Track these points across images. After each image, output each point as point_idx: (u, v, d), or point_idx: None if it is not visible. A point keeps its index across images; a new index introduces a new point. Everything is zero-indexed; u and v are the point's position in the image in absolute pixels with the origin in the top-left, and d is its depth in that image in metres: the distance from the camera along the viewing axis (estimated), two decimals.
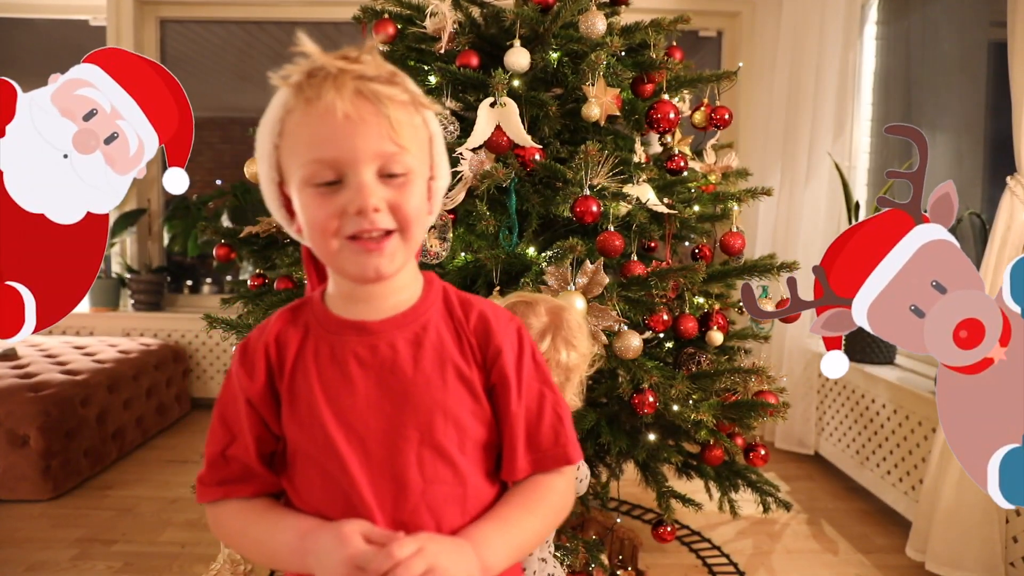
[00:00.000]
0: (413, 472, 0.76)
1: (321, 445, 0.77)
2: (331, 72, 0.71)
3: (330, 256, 0.75)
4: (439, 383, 0.78)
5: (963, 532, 1.97)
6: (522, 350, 0.83)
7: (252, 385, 0.79)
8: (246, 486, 0.81)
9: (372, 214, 0.72)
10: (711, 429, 1.70)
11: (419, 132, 0.77)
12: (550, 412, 0.83)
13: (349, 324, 0.79)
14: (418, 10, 1.91)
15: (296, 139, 0.73)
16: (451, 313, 0.82)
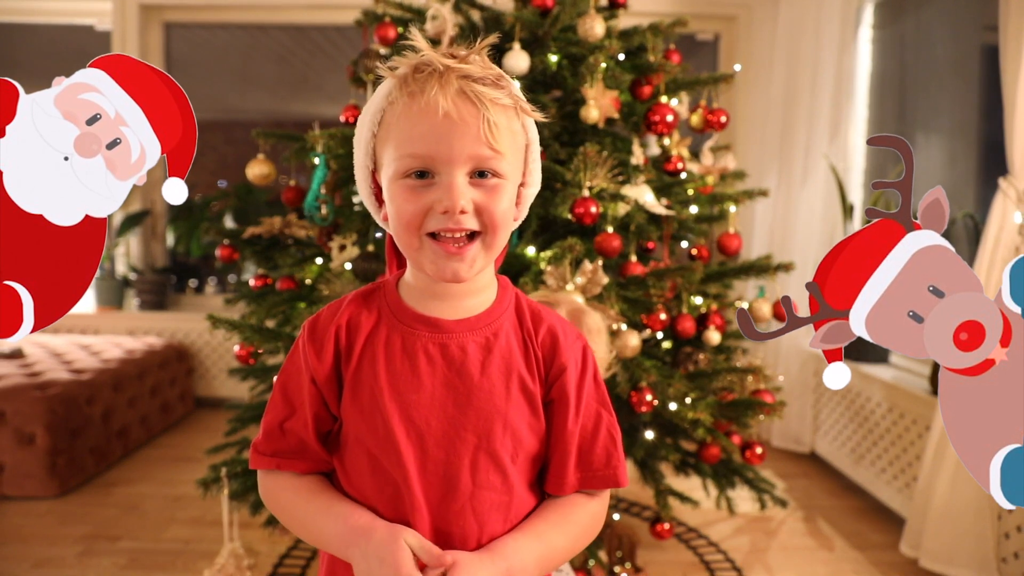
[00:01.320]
0: (465, 475, 0.77)
1: (380, 434, 0.77)
2: (438, 69, 0.71)
3: (411, 251, 0.76)
4: (503, 392, 0.78)
5: (956, 529, 1.99)
6: (585, 369, 0.83)
7: (319, 365, 0.79)
8: (300, 461, 0.81)
9: (458, 215, 0.72)
10: (708, 427, 1.72)
11: (517, 137, 0.77)
12: (605, 434, 0.83)
13: (423, 319, 0.79)
14: (419, 14, 1.94)
15: (395, 131, 0.74)
16: (521, 323, 0.82)
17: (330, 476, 0.83)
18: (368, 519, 0.76)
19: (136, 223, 3.70)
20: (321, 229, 1.88)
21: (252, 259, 2.04)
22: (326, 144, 1.79)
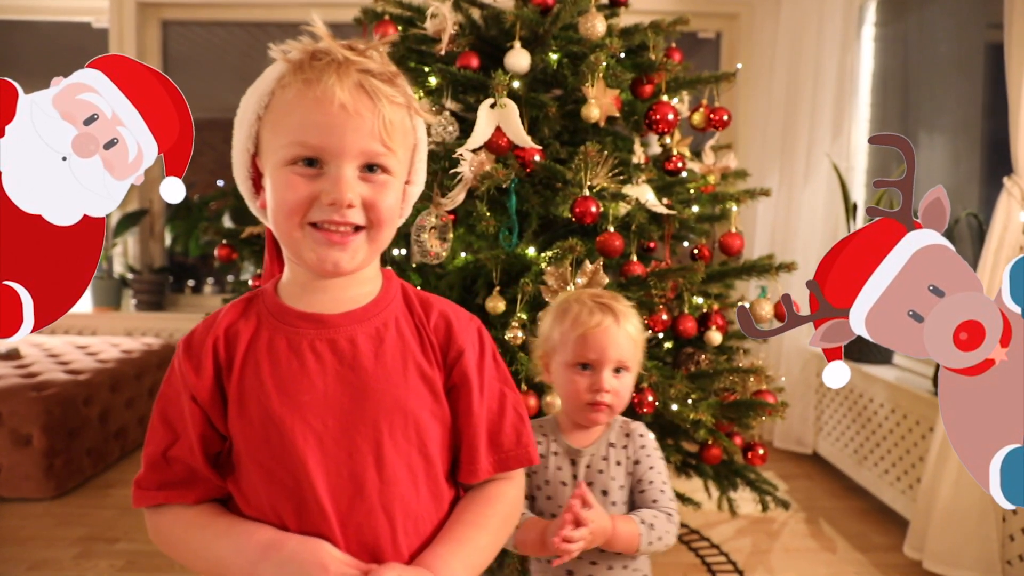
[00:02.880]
0: (371, 472, 0.73)
1: (275, 443, 0.73)
2: (337, 59, 0.70)
3: (291, 240, 0.74)
4: (400, 380, 0.75)
5: (960, 530, 1.98)
6: (483, 350, 0.81)
7: (199, 381, 0.75)
8: (189, 491, 0.76)
9: (345, 209, 0.71)
10: (710, 428, 1.70)
11: (408, 136, 0.76)
12: (512, 412, 0.81)
13: (305, 316, 0.76)
14: (419, 12, 1.92)
15: (285, 117, 0.72)
16: (411, 311, 0.80)
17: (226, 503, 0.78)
18: (274, 533, 0.72)
19: (133, 223, 3.68)
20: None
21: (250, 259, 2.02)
22: None
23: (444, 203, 1.65)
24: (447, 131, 1.75)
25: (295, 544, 0.70)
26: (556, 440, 1.17)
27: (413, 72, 1.92)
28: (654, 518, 1.09)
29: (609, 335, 1.11)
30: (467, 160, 1.65)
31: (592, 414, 1.13)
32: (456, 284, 1.76)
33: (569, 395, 1.14)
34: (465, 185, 1.66)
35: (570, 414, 1.17)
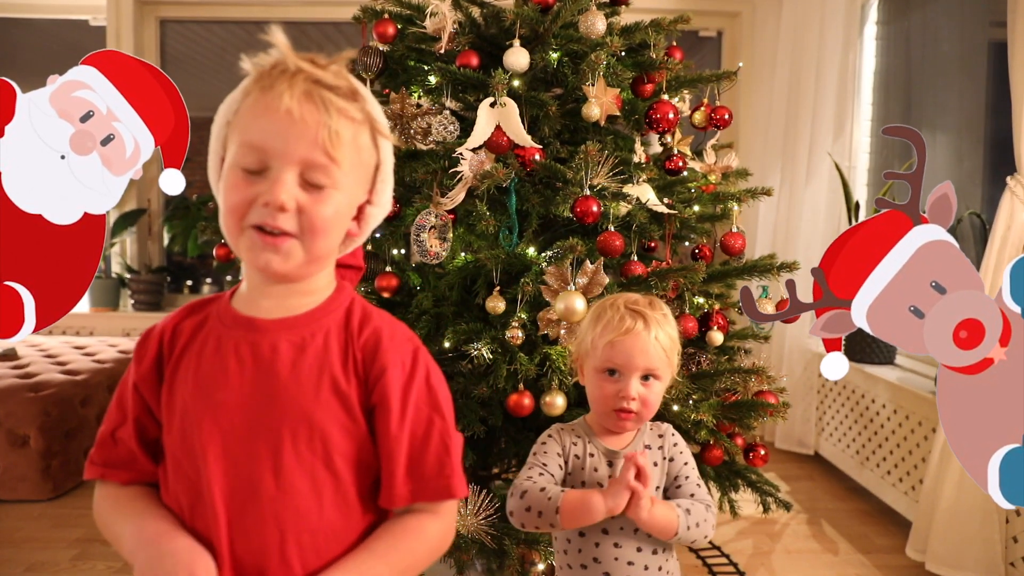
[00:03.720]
0: (268, 478, 0.73)
1: (185, 436, 0.76)
2: (289, 68, 0.72)
3: (232, 239, 0.76)
4: (311, 392, 0.75)
5: (963, 532, 1.97)
6: (414, 372, 0.79)
7: (138, 369, 0.80)
8: (124, 471, 0.81)
9: (277, 212, 0.71)
10: (711, 429, 1.70)
11: (363, 153, 0.76)
12: (437, 440, 0.78)
13: (241, 319, 0.79)
14: (418, 10, 1.91)
15: (243, 120, 0.74)
16: (347, 325, 0.79)
17: None
18: (169, 528, 0.75)
19: (131, 222, 3.67)
20: None
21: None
22: None
23: (444, 202, 1.64)
24: (447, 130, 1.74)
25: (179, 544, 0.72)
26: (591, 442, 1.17)
27: (413, 71, 1.91)
28: (691, 505, 1.09)
29: (638, 342, 1.10)
30: (467, 159, 1.64)
31: (619, 421, 1.13)
32: (456, 284, 1.75)
33: (597, 400, 1.14)
34: (465, 184, 1.65)
35: (599, 419, 1.17)
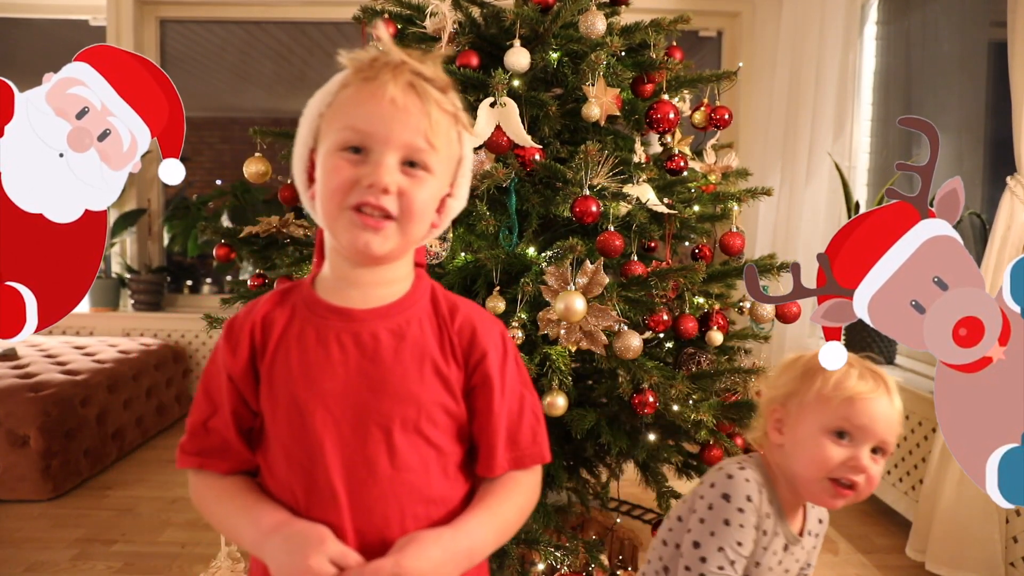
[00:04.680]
0: (383, 459, 0.78)
1: (296, 425, 0.79)
2: (393, 60, 0.77)
3: (331, 220, 0.78)
4: (416, 376, 0.80)
5: (963, 532, 1.97)
6: (506, 353, 0.86)
7: (234, 362, 0.82)
8: (222, 461, 0.84)
9: (381, 193, 0.75)
10: (711, 429, 1.70)
11: (451, 145, 0.81)
12: (529, 413, 0.87)
13: (335, 309, 0.82)
14: (418, 10, 1.91)
15: (342, 109, 0.78)
16: (436, 311, 0.85)
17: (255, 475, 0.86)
18: (286, 515, 0.78)
19: (131, 222, 3.67)
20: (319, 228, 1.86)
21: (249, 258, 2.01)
22: None
23: None
24: None
25: (302, 525, 0.77)
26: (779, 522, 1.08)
27: None
28: None
29: (881, 407, 1.01)
30: None
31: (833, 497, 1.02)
32: (456, 284, 1.75)
33: (814, 463, 1.02)
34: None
35: (804, 485, 1.06)
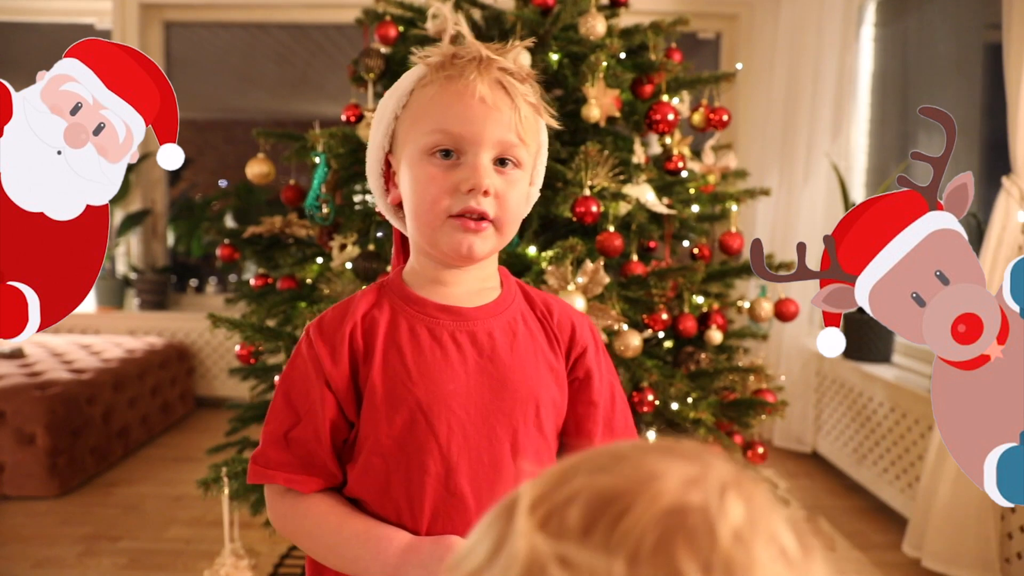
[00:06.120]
0: (508, 460, 0.77)
1: (420, 430, 0.75)
2: (478, 56, 0.75)
3: (430, 230, 0.76)
4: (534, 373, 0.80)
5: (959, 529, 1.98)
6: (598, 346, 0.87)
7: (335, 368, 0.76)
8: (308, 477, 0.76)
9: (481, 196, 0.74)
10: (710, 427, 1.71)
11: (536, 136, 0.81)
12: (621, 401, 0.88)
13: (444, 308, 0.79)
14: (420, 13, 1.93)
15: (425, 110, 0.76)
16: (534, 307, 0.85)
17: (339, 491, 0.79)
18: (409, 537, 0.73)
19: (136, 223, 3.69)
20: (322, 228, 1.88)
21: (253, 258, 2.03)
22: (327, 143, 1.78)
23: None
24: None
25: (430, 544, 0.72)
26: None
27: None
28: None
29: None
30: None
31: None
32: None
33: None
34: None
35: None
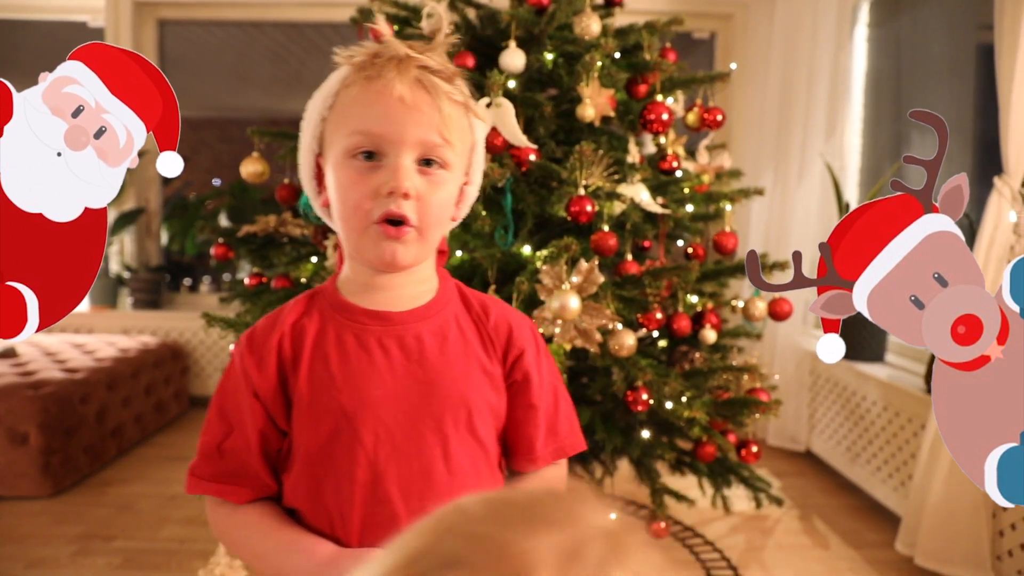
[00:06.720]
0: (439, 465, 0.75)
1: (345, 438, 0.74)
2: (397, 55, 0.74)
3: (355, 236, 0.75)
4: (464, 376, 0.78)
5: (952, 527, 1.99)
6: (539, 348, 0.86)
7: (262, 378, 0.76)
8: (241, 488, 0.77)
9: (402, 199, 0.72)
10: (704, 426, 1.72)
11: (465, 134, 0.79)
12: (564, 404, 0.87)
13: (371, 313, 0.78)
14: (414, 12, 1.93)
15: (347, 112, 0.75)
16: (470, 309, 0.83)
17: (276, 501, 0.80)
18: (334, 548, 0.73)
19: (130, 221, 3.68)
20: (316, 227, 1.88)
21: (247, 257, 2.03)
22: None
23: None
24: None
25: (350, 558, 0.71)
26: None
27: None
28: None
29: None
30: None
31: None
32: None
33: None
34: None
35: None
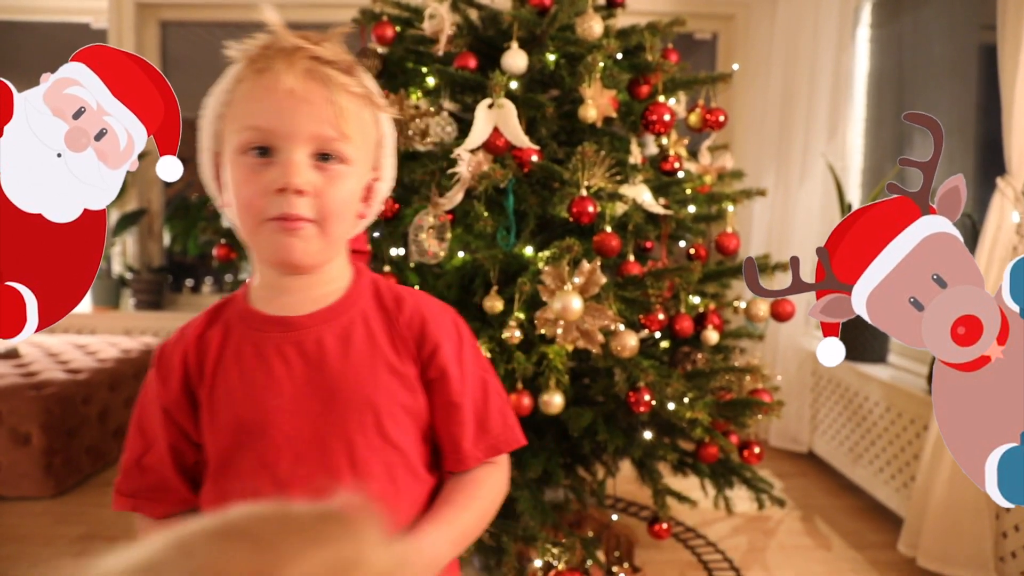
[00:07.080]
0: (346, 471, 0.73)
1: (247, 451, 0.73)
2: (285, 47, 0.70)
3: (251, 235, 0.72)
4: (369, 378, 0.75)
5: (954, 528, 1.99)
6: (461, 341, 0.81)
7: (166, 392, 0.76)
8: (158, 503, 0.78)
9: (293, 196, 0.69)
10: (706, 427, 1.72)
11: (367, 128, 0.75)
12: (495, 397, 0.82)
13: (272, 320, 0.75)
14: (416, 13, 1.93)
15: (239, 107, 0.72)
16: (382, 306, 0.79)
17: None
18: None
19: (132, 222, 3.68)
20: None
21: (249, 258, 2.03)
22: None
23: (442, 203, 1.66)
24: (445, 131, 1.76)
25: None
26: None
27: (411, 73, 1.93)
28: None
29: None
30: (465, 160, 1.66)
31: None
32: (454, 284, 1.77)
33: None
34: (463, 185, 1.67)
35: None
